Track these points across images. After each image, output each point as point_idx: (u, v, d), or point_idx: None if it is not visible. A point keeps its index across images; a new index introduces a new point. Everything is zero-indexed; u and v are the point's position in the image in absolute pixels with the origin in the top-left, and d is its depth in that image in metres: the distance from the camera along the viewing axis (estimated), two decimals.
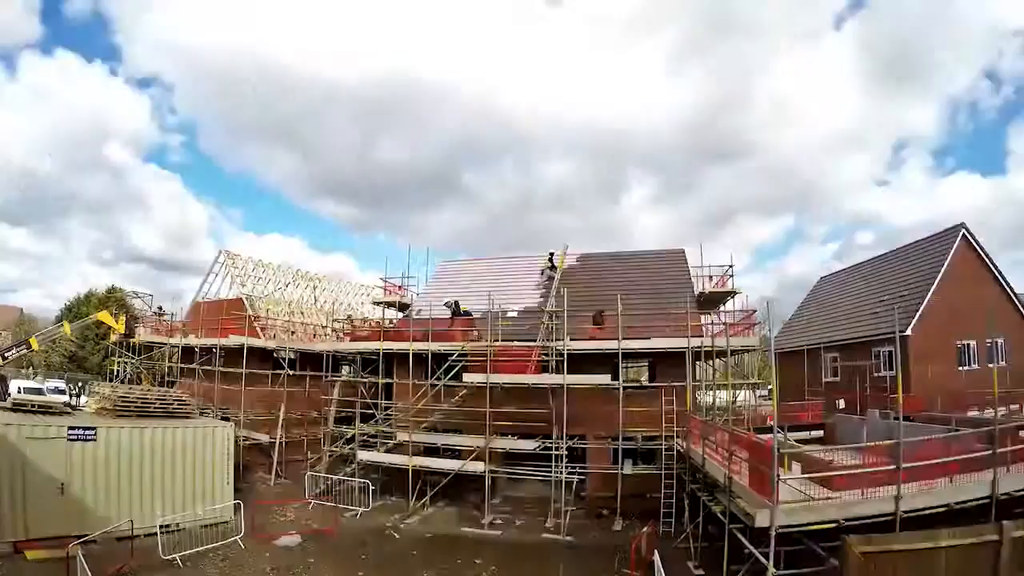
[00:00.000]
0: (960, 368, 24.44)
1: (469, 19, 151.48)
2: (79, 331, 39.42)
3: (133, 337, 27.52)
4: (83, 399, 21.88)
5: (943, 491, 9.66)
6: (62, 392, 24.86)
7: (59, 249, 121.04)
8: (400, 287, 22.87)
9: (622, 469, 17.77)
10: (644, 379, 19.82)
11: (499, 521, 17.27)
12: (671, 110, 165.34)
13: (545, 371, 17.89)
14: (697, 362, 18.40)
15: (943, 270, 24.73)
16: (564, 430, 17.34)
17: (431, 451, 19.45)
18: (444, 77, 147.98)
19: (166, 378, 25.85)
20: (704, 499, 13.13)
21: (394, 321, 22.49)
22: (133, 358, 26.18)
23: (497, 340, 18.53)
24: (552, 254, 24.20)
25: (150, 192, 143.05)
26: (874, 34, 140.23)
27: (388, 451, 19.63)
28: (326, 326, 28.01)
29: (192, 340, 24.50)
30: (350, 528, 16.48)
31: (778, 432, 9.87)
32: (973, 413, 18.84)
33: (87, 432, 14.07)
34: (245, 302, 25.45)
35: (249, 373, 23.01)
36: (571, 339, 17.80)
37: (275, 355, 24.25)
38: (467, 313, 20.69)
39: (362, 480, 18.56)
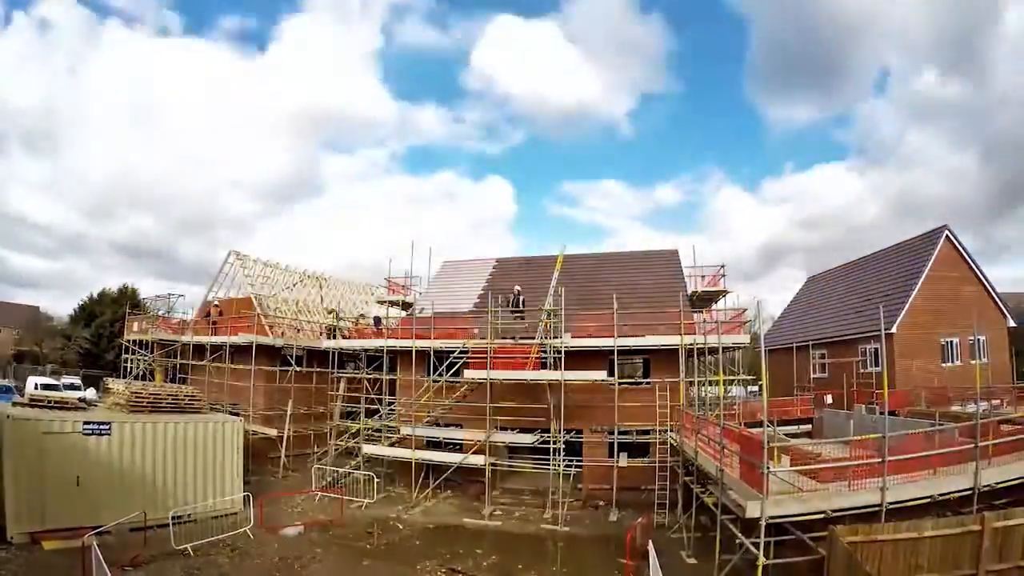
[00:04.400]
0: (944, 364, 25.13)
1: None
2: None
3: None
4: (90, 393, 22.15)
5: (927, 483, 9.95)
6: (77, 388, 25.09)
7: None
8: (403, 286, 23.28)
9: (618, 462, 18.30)
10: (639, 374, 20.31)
11: (499, 512, 17.69)
12: None
13: (544, 367, 18.37)
14: (690, 358, 18.92)
15: (926, 270, 25.41)
16: (562, 424, 17.85)
17: (434, 445, 19.83)
18: None
19: (178, 374, 26.14)
20: (697, 491, 13.55)
21: (397, 318, 22.89)
22: (146, 355, 26.50)
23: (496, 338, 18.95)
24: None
25: None
26: None
27: (392, 445, 20.07)
28: (333, 323, 28.31)
29: (202, 338, 24.86)
30: (356, 519, 16.85)
31: (768, 426, 10.22)
32: (956, 408, 19.41)
33: (102, 427, 14.44)
34: (254, 301, 25.78)
35: (258, 370, 23.39)
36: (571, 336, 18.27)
37: (283, 352, 24.64)
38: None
39: (367, 473, 19.00)
